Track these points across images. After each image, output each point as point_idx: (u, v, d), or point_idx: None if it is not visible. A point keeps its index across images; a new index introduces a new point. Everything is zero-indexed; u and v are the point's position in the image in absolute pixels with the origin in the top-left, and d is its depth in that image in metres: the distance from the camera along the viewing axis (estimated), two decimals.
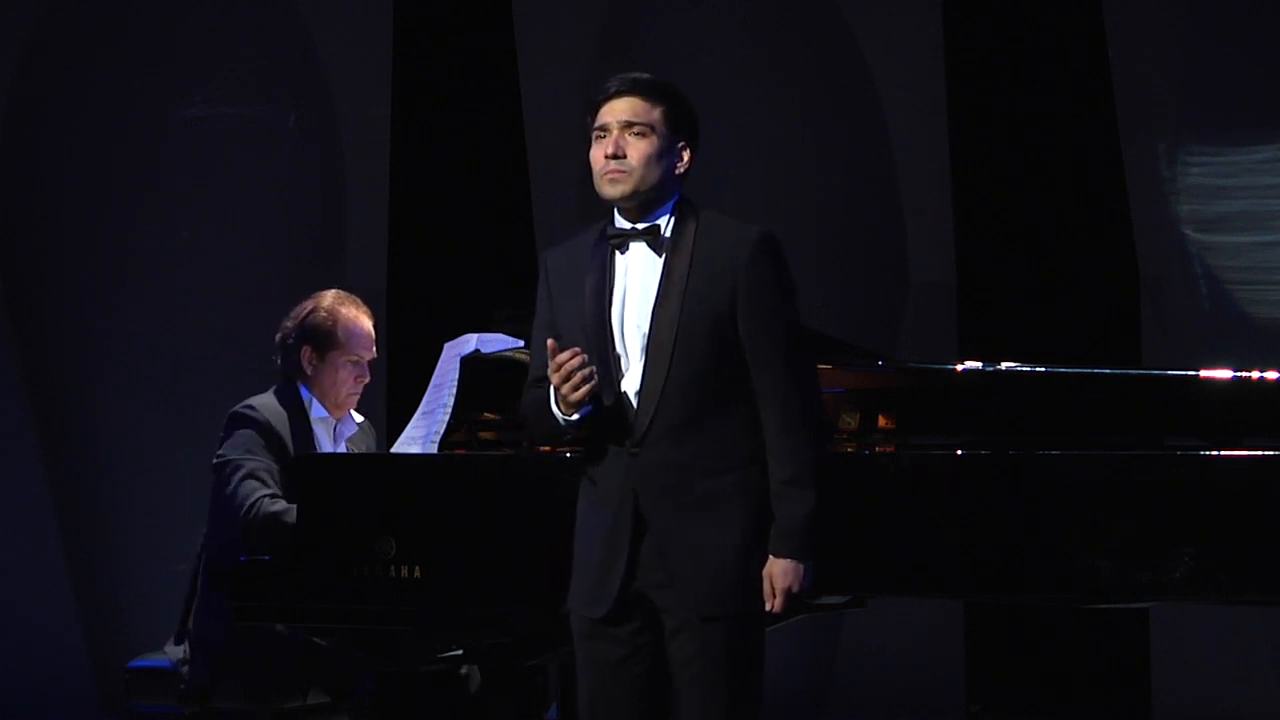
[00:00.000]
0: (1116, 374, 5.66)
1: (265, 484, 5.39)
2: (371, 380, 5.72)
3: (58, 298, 8.53)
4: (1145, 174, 8.17)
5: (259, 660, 5.49)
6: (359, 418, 5.76)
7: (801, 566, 4.13)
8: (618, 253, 4.23)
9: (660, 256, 4.21)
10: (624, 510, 4.16)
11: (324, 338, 5.61)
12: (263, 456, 5.45)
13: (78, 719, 8.35)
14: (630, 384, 4.17)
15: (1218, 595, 5.00)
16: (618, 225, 4.24)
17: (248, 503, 5.36)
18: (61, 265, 8.52)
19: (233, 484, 5.41)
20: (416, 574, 4.93)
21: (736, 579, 4.15)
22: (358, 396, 5.69)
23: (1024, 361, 5.56)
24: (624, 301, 4.20)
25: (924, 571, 5.01)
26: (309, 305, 5.66)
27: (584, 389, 4.10)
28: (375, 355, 5.71)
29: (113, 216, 8.51)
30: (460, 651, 5.31)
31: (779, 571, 4.13)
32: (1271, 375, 5.30)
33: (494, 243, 8.56)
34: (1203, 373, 5.40)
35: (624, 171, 4.18)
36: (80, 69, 8.51)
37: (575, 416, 4.15)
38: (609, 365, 4.17)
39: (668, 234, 4.21)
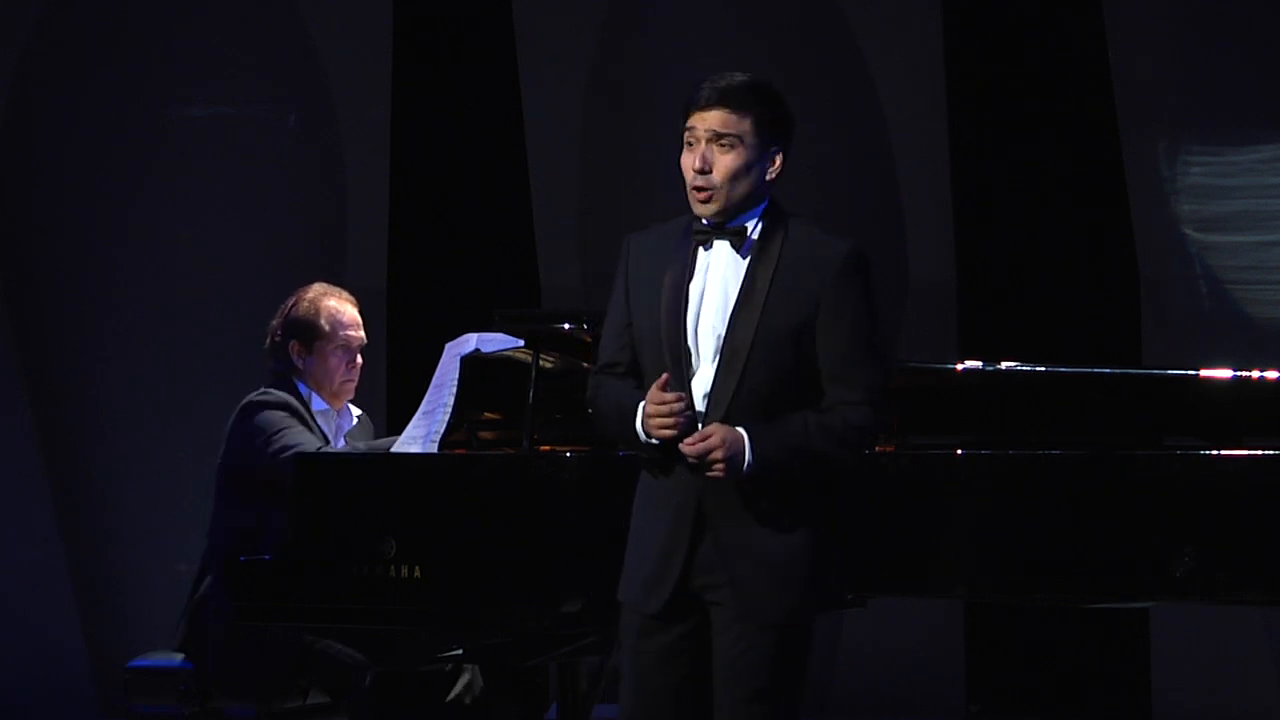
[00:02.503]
0: (1116, 374, 5.66)
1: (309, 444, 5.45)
2: (371, 379, 5.74)
3: (58, 297, 8.52)
4: (1145, 174, 8.17)
5: (259, 660, 5.49)
6: (357, 411, 5.78)
7: (746, 456, 4.03)
8: (700, 249, 4.16)
9: (744, 259, 4.14)
10: (687, 509, 4.11)
11: (309, 329, 5.66)
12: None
13: (78, 719, 8.35)
14: (700, 385, 4.11)
15: (1218, 595, 5.01)
16: (704, 221, 4.18)
17: (287, 450, 5.40)
18: (61, 265, 8.51)
19: (280, 437, 5.47)
20: (416, 574, 4.93)
21: (795, 587, 4.10)
22: (354, 383, 5.72)
23: (1024, 361, 5.56)
24: (701, 301, 4.14)
25: (924, 571, 5.02)
26: (291, 301, 5.73)
27: (672, 431, 4.04)
28: (364, 340, 5.74)
29: (113, 216, 8.50)
30: (460, 651, 5.31)
31: (726, 435, 4.02)
32: (1271, 375, 5.30)
33: (494, 243, 8.56)
34: (1203, 373, 5.39)
35: (710, 190, 4.12)
36: (80, 68, 8.50)
37: (656, 442, 4.09)
38: (680, 363, 4.11)
39: (754, 238, 4.15)
